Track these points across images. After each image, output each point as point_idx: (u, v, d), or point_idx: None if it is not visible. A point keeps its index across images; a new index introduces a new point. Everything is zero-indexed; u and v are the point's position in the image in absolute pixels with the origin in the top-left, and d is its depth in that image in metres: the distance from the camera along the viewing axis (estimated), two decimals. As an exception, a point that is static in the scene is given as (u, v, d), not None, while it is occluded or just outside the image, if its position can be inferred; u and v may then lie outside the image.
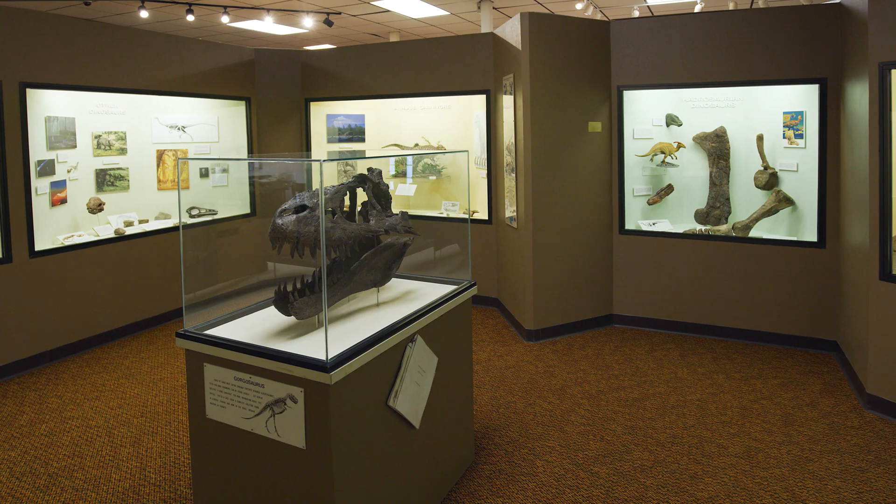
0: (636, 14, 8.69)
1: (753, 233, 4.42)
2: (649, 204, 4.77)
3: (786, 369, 3.88)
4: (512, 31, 4.56)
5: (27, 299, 4.06)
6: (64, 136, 4.52)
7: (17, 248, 3.99)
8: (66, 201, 4.56)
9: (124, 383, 3.84)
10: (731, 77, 4.30)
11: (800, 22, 4.08)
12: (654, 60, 4.51)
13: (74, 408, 3.51)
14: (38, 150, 4.21)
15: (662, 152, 4.71)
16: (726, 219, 4.58)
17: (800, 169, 4.23)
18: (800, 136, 4.22)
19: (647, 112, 4.74)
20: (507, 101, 4.75)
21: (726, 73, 4.31)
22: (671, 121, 4.76)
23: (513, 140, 4.61)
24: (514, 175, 4.62)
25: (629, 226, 4.71)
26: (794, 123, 4.26)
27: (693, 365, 3.96)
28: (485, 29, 8.72)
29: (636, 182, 4.75)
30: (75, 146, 4.66)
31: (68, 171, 4.59)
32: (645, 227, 4.68)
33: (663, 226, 4.69)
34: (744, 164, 4.57)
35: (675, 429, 3.15)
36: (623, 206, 4.67)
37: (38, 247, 4.15)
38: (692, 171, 4.75)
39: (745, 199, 4.57)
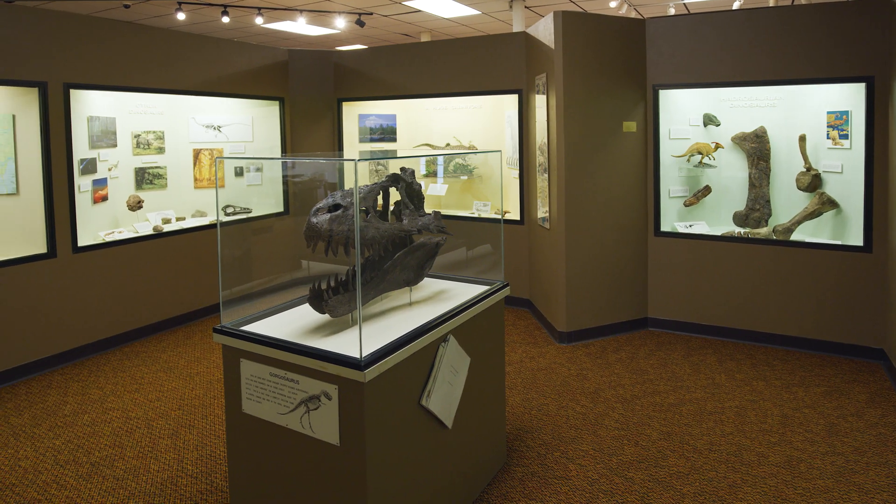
0: (672, 12, 8.53)
1: (795, 236, 4.28)
2: (686, 205, 4.67)
3: (829, 377, 3.75)
4: (545, 30, 4.52)
5: (70, 293, 4.19)
6: (105, 136, 4.65)
7: (60, 243, 4.12)
8: (107, 199, 4.69)
9: (162, 377, 3.92)
10: (772, 76, 4.18)
11: (845, 18, 3.94)
12: (691, 59, 4.41)
13: (115, 399, 3.60)
14: (80, 148, 4.33)
15: (699, 153, 4.60)
16: (766, 221, 4.45)
17: (844, 170, 4.08)
18: (845, 137, 4.08)
19: (683, 112, 4.64)
20: (539, 101, 4.71)
21: (767, 71, 4.19)
22: (709, 121, 4.65)
23: (545, 140, 4.56)
24: (546, 175, 4.58)
25: (665, 227, 4.62)
26: (838, 123, 4.12)
27: (731, 371, 3.86)
28: (516, 28, 8.67)
29: (672, 183, 4.65)
30: (116, 145, 4.79)
31: (109, 170, 4.72)
32: (681, 229, 4.59)
33: (700, 228, 4.59)
34: (785, 166, 4.43)
35: (713, 436, 3.07)
36: (658, 207, 4.58)
37: (81, 242, 4.27)
38: (730, 172, 4.64)
39: (787, 202, 4.44)
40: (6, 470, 2.86)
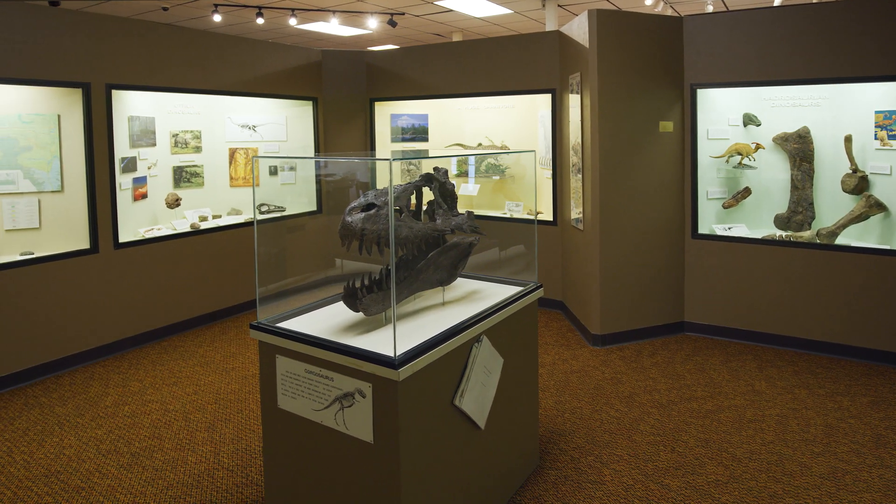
0: (710, 9, 8.34)
1: (840, 240, 4.13)
2: (724, 207, 4.55)
3: (876, 387, 3.60)
4: (579, 29, 4.46)
5: (111, 288, 4.30)
6: (145, 135, 4.76)
7: (102, 239, 4.24)
8: (146, 196, 4.81)
9: (199, 371, 4.00)
10: (817, 74, 4.04)
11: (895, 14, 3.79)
12: (731, 57, 4.30)
13: (154, 392, 3.69)
14: (121, 147, 4.44)
15: (739, 153, 4.48)
16: (809, 224, 4.31)
17: (894, 172, 3.92)
18: (894, 137, 3.92)
19: (722, 111, 4.53)
20: (573, 101, 4.65)
21: (811, 69, 4.06)
22: (749, 120, 4.52)
23: (579, 140, 4.50)
24: (580, 176, 4.52)
25: (702, 230, 4.51)
26: (888, 123, 3.96)
27: (772, 378, 3.74)
28: (549, 27, 8.60)
29: (710, 184, 4.54)
30: (155, 144, 4.91)
31: (149, 168, 4.84)
32: (720, 232, 4.47)
33: (740, 231, 4.47)
34: (829, 167, 4.28)
35: (753, 444, 2.98)
36: (696, 209, 4.48)
37: (122, 239, 4.39)
38: (771, 174, 4.50)
39: (831, 204, 4.29)
40: (51, 457, 2.96)
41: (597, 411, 3.33)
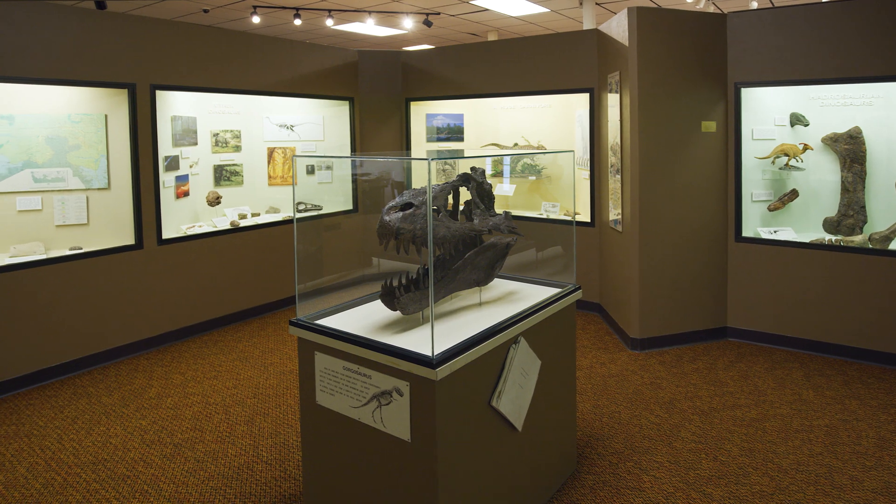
0: (754, 6, 8.10)
1: (894, 245, 3.95)
2: (770, 210, 4.41)
3: (932, 399, 3.44)
4: (618, 27, 4.39)
5: (155, 283, 4.42)
6: (187, 134, 4.88)
7: (147, 236, 4.36)
8: (188, 194, 4.93)
9: (238, 365, 4.08)
10: (870, 72, 3.88)
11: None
12: (777, 55, 4.16)
13: (195, 385, 3.77)
14: (165, 146, 4.56)
15: (786, 154, 4.33)
16: (861, 229, 4.13)
17: (954, 174, 3.73)
18: (954, 137, 3.73)
19: (767, 111, 4.38)
20: (612, 100, 4.58)
21: (864, 67, 3.89)
22: (796, 120, 4.37)
23: (618, 140, 4.42)
24: (619, 176, 4.44)
25: (747, 233, 4.38)
26: (947, 122, 3.77)
27: (820, 387, 3.60)
28: (587, 26, 8.49)
29: (755, 186, 4.40)
30: (196, 143, 5.02)
31: (190, 167, 4.96)
32: (765, 235, 4.33)
33: (786, 234, 4.32)
34: (883, 169, 4.10)
35: (800, 455, 2.87)
36: (740, 211, 4.35)
37: (165, 235, 4.51)
38: (820, 176, 4.34)
39: (885, 208, 4.11)
40: (99, 446, 3.05)
41: (636, 416, 3.27)
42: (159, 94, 4.45)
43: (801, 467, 2.77)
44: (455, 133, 6.12)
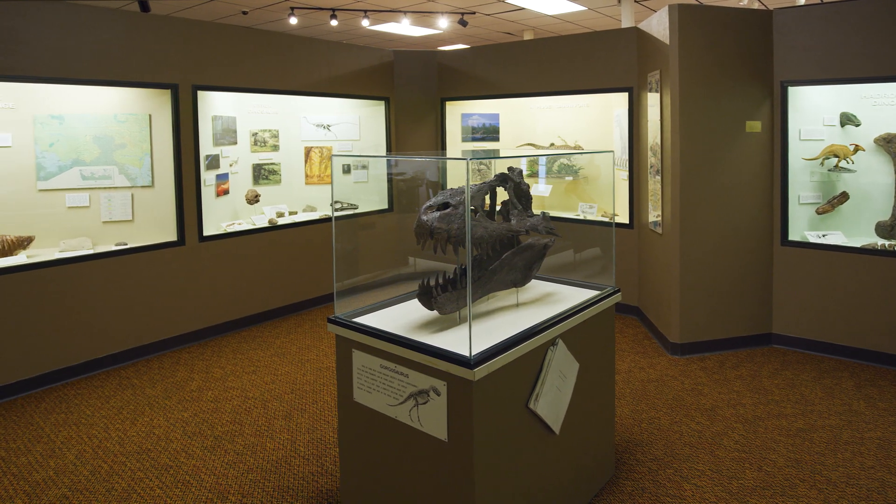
0: (801, 1, 7.84)
1: (952, 250, 3.77)
2: (818, 213, 4.25)
3: None
4: (659, 25, 4.29)
5: (196, 279, 4.53)
6: (226, 134, 4.98)
7: (188, 232, 4.46)
8: (228, 192, 5.03)
9: (276, 361, 4.14)
10: (929, 68, 3.70)
11: None
12: (827, 52, 4.01)
13: (235, 379, 3.85)
14: (206, 145, 4.67)
15: (835, 155, 4.17)
16: (916, 232, 3.95)
17: None
18: None
19: (816, 110, 4.23)
20: (652, 99, 4.49)
21: (922, 63, 3.71)
22: (846, 120, 4.20)
23: (658, 140, 4.33)
24: (658, 177, 4.35)
25: (793, 236, 4.23)
26: None
27: (872, 398, 3.46)
28: (625, 24, 8.35)
29: (802, 188, 4.25)
30: (236, 143, 5.12)
31: (230, 166, 5.06)
32: (813, 239, 4.18)
33: (835, 238, 4.15)
34: (941, 170, 3.91)
35: (850, 468, 2.76)
36: (786, 214, 4.20)
37: (206, 232, 4.61)
38: (872, 178, 4.16)
39: (942, 211, 3.92)
40: (143, 436, 3.14)
41: (676, 423, 3.19)
42: (200, 94, 4.55)
43: (851, 481, 2.66)
44: (490, 133, 6.09)
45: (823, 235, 4.18)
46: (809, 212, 4.28)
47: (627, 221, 5.00)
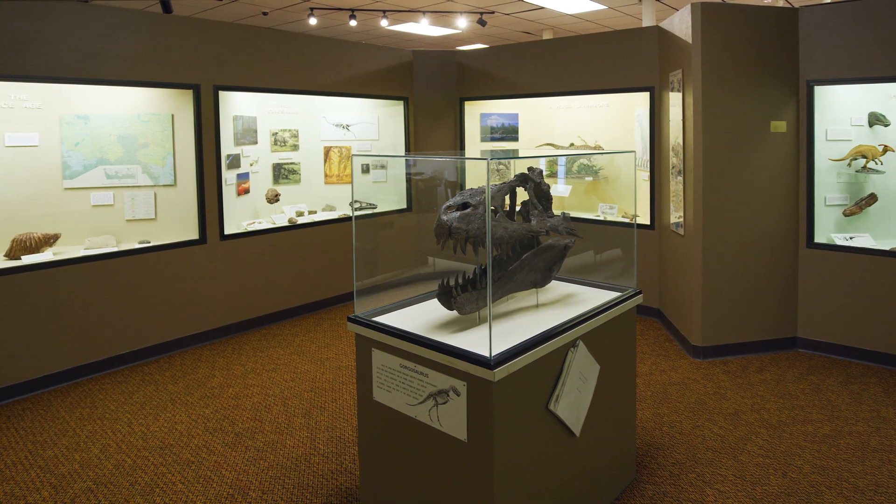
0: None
1: None
2: (845, 215, 4.16)
3: None
4: (681, 24, 4.24)
5: (217, 277, 4.58)
6: (247, 133, 5.03)
7: (210, 231, 4.51)
8: (248, 192, 5.08)
9: (296, 359, 4.17)
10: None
11: None
12: (854, 51, 3.92)
13: (255, 377, 3.88)
14: (227, 145, 4.71)
15: (863, 156, 4.08)
16: (948, 235, 3.85)
17: None
18: None
19: (843, 110, 4.14)
20: (673, 99, 4.43)
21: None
22: (875, 120, 4.11)
23: (680, 140, 4.28)
24: (680, 178, 4.29)
25: (819, 239, 4.15)
26: None
27: (900, 404, 3.38)
28: (646, 23, 8.27)
29: (829, 189, 4.17)
30: (256, 142, 5.17)
31: (251, 165, 5.11)
32: (840, 242, 4.09)
33: (864, 241, 4.06)
34: (975, 171, 3.81)
35: (879, 476, 2.69)
36: (812, 216, 4.12)
37: (227, 231, 4.66)
38: (901, 179, 4.07)
39: (975, 213, 3.81)
40: (165, 431, 3.18)
41: (698, 427, 3.14)
42: (222, 94, 4.60)
43: (880, 489, 2.60)
44: (509, 133, 6.07)
45: (851, 238, 4.09)
46: (836, 213, 4.19)
47: (648, 222, 4.95)
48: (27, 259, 3.78)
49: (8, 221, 3.95)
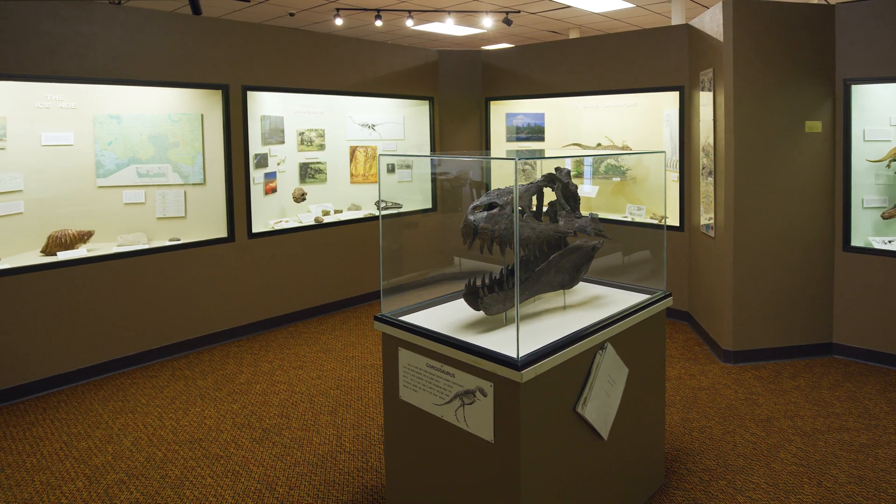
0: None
1: None
2: (884, 218, 4.04)
3: None
4: (712, 21, 4.16)
5: (245, 275, 4.64)
6: (274, 133, 5.08)
7: (238, 229, 4.57)
8: (276, 191, 5.13)
9: (322, 357, 4.20)
10: None
11: None
12: (893, 48, 3.80)
13: (282, 374, 3.92)
14: (254, 145, 4.77)
15: (903, 156, 3.95)
16: None
17: None
18: None
19: (881, 109, 4.02)
20: (704, 98, 4.35)
21: None
22: (916, 119, 3.97)
23: (711, 141, 4.20)
24: (711, 179, 4.21)
25: (856, 242, 4.03)
26: None
27: (941, 414, 3.26)
28: (675, 21, 8.14)
29: (867, 191, 4.04)
30: (283, 142, 5.22)
31: (278, 164, 5.16)
32: (878, 245, 3.97)
33: (902, 244, 3.94)
34: None
35: (919, 488, 2.61)
36: (849, 218, 4.01)
37: (255, 229, 4.71)
38: (944, 180, 3.93)
39: None
40: (194, 426, 3.24)
41: (729, 433, 3.08)
42: (250, 94, 4.65)
43: (920, 501, 2.51)
44: (535, 133, 6.03)
45: (890, 241, 3.96)
46: (874, 216, 4.06)
47: (678, 224, 4.87)
48: (62, 255, 3.88)
49: (44, 218, 4.06)
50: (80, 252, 3.97)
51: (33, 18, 3.61)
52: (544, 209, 2.54)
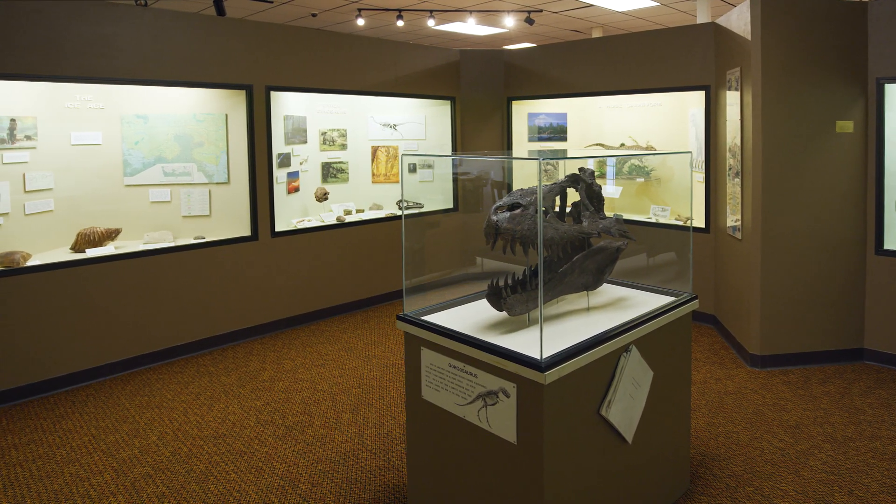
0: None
1: None
2: (918, 219, 3.93)
3: None
4: (739, 20, 4.09)
5: (268, 273, 4.68)
6: (297, 133, 5.12)
7: (261, 228, 4.62)
8: (298, 190, 5.18)
9: (344, 355, 4.23)
10: None
11: None
12: (931, 46, 3.69)
13: (304, 371, 3.96)
14: (277, 144, 4.81)
15: (939, 157, 3.84)
16: None
17: None
18: None
19: (917, 108, 3.91)
20: (731, 98, 4.28)
21: None
22: (953, 119, 3.85)
23: (738, 141, 4.12)
24: (738, 180, 4.14)
25: (889, 245, 3.92)
26: None
27: (979, 423, 3.16)
28: (701, 19, 8.03)
29: (900, 192, 3.94)
30: (306, 142, 5.26)
31: (301, 164, 5.20)
32: (911, 248, 3.87)
33: (938, 247, 3.83)
34: None
35: (956, 500, 2.53)
36: (882, 221, 3.91)
37: (278, 228, 4.76)
38: (982, 182, 3.80)
39: None
40: (219, 422, 3.28)
41: (756, 439, 3.02)
42: (273, 94, 4.70)
43: (957, 513, 2.44)
44: (557, 133, 5.99)
45: (924, 244, 3.86)
46: (908, 218, 3.96)
47: (703, 226, 4.79)
48: (91, 252, 3.96)
49: (73, 216, 4.15)
50: (108, 249, 4.04)
51: (63, 21, 3.69)
52: (567, 210, 2.52)
